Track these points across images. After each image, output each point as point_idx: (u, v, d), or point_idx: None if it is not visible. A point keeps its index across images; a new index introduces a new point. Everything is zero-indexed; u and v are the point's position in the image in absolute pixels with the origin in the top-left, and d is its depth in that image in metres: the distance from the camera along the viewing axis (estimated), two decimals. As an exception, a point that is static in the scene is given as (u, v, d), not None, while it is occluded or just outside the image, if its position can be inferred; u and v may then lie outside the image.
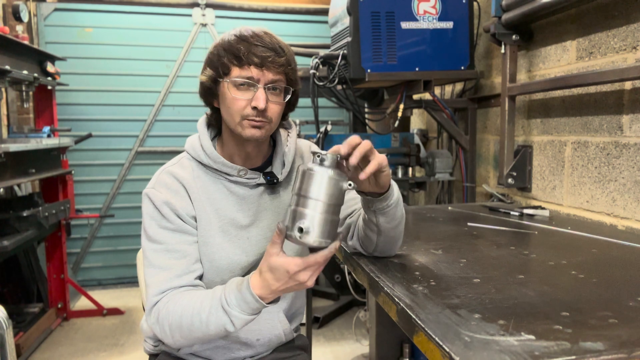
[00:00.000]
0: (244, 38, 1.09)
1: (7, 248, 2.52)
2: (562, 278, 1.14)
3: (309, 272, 0.97)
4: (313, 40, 4.13)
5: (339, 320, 3.41)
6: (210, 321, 1.04)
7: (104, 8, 4.06)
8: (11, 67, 2.65)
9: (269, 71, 1.09)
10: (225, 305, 1.03)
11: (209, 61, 1.14)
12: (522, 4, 2.01)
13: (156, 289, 1.10)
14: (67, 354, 2.95)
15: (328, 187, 0.95)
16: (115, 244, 4.23)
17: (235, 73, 1.10)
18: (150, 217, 1.14)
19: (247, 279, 1.04)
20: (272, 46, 1.10)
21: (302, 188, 0.96)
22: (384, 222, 1.15)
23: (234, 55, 1.09)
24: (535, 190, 2.23)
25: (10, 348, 1.73)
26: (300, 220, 0.95)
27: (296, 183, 0.98)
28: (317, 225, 0.95)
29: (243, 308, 1.02)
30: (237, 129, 1.13)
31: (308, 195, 0.95)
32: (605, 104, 1.79)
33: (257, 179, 1.20)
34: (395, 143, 2.84)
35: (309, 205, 0.95)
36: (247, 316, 1.03)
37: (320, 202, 0.94)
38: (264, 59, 1.08)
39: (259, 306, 1.03)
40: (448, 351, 0.77)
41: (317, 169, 0.96)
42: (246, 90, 1.10)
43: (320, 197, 0.95)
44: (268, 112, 1.11)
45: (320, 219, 0.95)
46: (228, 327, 1.04)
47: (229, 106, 1.12)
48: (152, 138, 4.25)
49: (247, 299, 1.02)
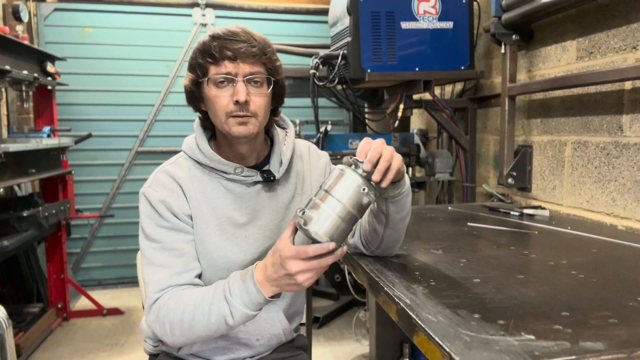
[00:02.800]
0: (218, 36, 1.10)
1: (7, 248, 2.52)
2: (562, 278, 1.14)
3: (299, 263, 0.97)
4: (313, 40, 4.13)
5: (339, 320, 3.41)
6: (212, 312, 1.04)
7: (104, 8, 4.05)
8: (11, 67, 2.65)
9: (244, 63, 1.10)
10: (227, 294, 1.03)
11: (189, 66, 1.16)
12: (522, 4, 2.01)
13: (156, 287, 1.10)
14: (67, 354, 2.95)
15: (353, 194, 0.97)
16: (115, 244, 4.24)
17: (213, 71, 1.11)
18: (147, 216, 1.15)
19: (251, 267, 1.05)
20: (245, 38, 1.10)
21: (330, 185, 0.98)
22: (394, 211, 1.15)
23: (208, 54, 1.10)
24: (535, 190, 2.23)
25: (10, 348, 1.73)
26: (312, 210, 0.96)
27: (327, 179, 1.01)
28: (327, 223, 0.96)
29: (244, 299, 1.02)
30: (225, 128, 1.13)
31: (331, 192, 0.97)
32: (605, 104, 1.79)
33: (254, 177, 1.20)
34: (395, 143, 2.84)
35: (329, 202, 0.96)
36: (247, 310, 1.03)
37: (340, 205, 0.96)
38: (236, 51, 1.08)
39: (258, 297, 1.02)
40: (448, 351, 0.77)
41: (350, 173, 0.97)
42: (226, 87, 1.11)
43: (343, 199, 0.96)
44: (251, 105, 1.11)
45: (333, 219, 0.96)
46: (228, 319, 1.03)
47: (212, 106, 1.13)
48: (152, 138, 4.25)
49: (249, 288, 1.02)
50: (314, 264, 0.97)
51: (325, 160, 1.35)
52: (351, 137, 2.75)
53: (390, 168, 1.01)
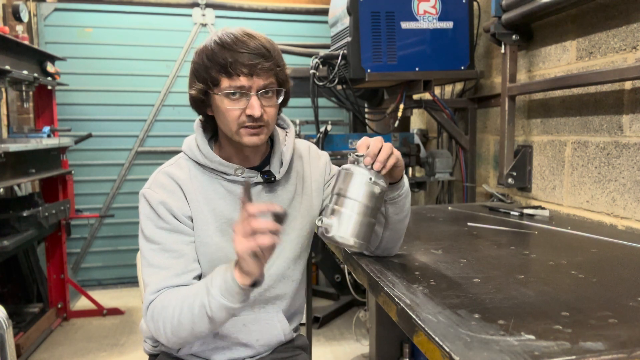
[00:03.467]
0: (228, 46, 1.07)
1: (7, 248, 2.52)
2: (562, 278, 1.14)
3: (243, 225, 0.93)
4: (313, 40, 4.13)
5: (339, 320, 3.41)
6: (195, 304, 1.02)
7: (104, 8, 4.05)
8: (11, 67, 2.65)
9: (259, 78, 1.09)
10: (209, 284, 1.02)
11: (196, 72, 1.13)
12: (522, 4, 2.01)
13: (153, 288, 1.10)
14: (67, 354, 2.95)
15: (364, 188, 0.99)
16: (115, 244, 4.24)
17: (225, 84, 1.08)
18: (147, 217, 1.15)
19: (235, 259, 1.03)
20: (259, 51, 1.07)
21: (340, 187, 1.00)
22: (393, 212, 1.16)
23: (220, 66, 1.07)
24: (535, 190, 2.23)
25: (10, 348, 1.73)
26: (330, 217, 0.99)
27: (335, 183, 1.02)
28: (350, 224, 0.97)
29: (221, 288, 1.00)
30: (235, 137, 1.13)
31: (344, 194, 0.98)
32: (605, 104, 1.79)
33: (255, 178, 1.20)
34: (395, 143, 2.83)
35: (345, 204, 0.97)
36: (224, 300, 0.99)
37: (357, 202, 0.97)
38: (252, 67, 1.07)
39: (234, 286, 0.98)
40: (448, 351, 0.77)
41: (355, 169, 0.99)
42: (239, 100, 1.10)
43: (357, 196, 0.98)
44: (264, 116, 1.11)
45: (354, 219, 0.98)
46: (207, 309, 1.01)
47: (224, 117, 1.12)
48: (152, 138, 4.25)
49: (227, 277, 1.00)
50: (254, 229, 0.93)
51: (325, 160, 1.35)
52: (351, 137, 2.74)
53: (390, 156, 1.03)
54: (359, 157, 1.01)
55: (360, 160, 1.00)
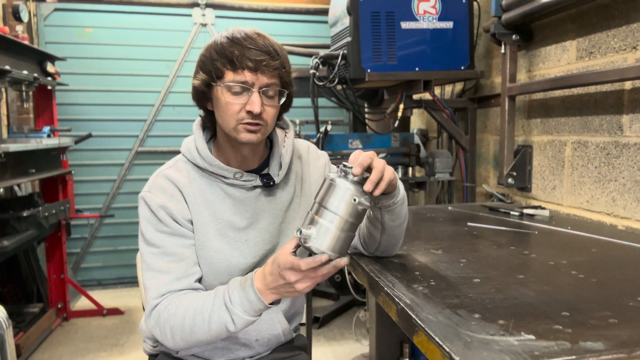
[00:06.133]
0: (237, 41, 1.08)
1: (7, 248, 2.52)
2: (562, 278, 1.14)
3: (297, 273, 0.98)
4: (313, 40, 4.13)
5: (339, 320, 3.41)
6: (213, 319, 1.04)
7: (104, 8, 4.05)
8: (11, 67, 2.65)
9: (263, 75, 1.09)
10: (228, 302, 1.04)
11: (202, 64, 1.13)
12: (522, 4, 2.01)
13: (155, 292, 1.10)
14: (67, 354, 2.95)
15: (347, 204, 0.96)
16: (115, 244, 4.24)
17: (229, 77, 1.09)
18: (147, 220, 1.14)
19: (250, 275, 1.05)
20: (266, 49, 1.08)
21: (323, 198, 0.98)
22: (389, 219, 1.15)
23: (227, 59, 1.08)
24: (535, 190, 2.23)
25: (10, 348, 1.73)
26: (310, 226, 0.97)
27: (319, 191, 1.00)
28: (327, 237, 0.96)
29: (245, 307, 1.03)
30: (232, 133, 1.13)
31: (326, 205, 0.96)
32: (605, 104, 1.79)
33: (254, 182, 1.19)
34: (395, 143, 2.84)
35: (325, 216, 0.96)
36: (248, 317, 1.04)
37: (337, 216, 0.96)
38: (258, 62, 1.07)
39: (259, 305, 1.03)
40: (448, 351, 0.77)
41: (340, 183, 0.97)
42: (240, 95, 1.10)
43: (338, 211, 0.96)
44: (263, 115, 1.11)
45: (332, 232, 0.96)
46: (229, 326, 1.04)
47: (223, 110, 1.12)
48: (152, 138, 4.25)
49: (250, 296, 1.03)
50: (311, 274, 0.98)
51: (324, 160, 1.35)
52: (351, 137, 2.75)
53: (382, 178, 1.00)
54: (348, 169, 0.98)
55: (349, 172, 0.97)
